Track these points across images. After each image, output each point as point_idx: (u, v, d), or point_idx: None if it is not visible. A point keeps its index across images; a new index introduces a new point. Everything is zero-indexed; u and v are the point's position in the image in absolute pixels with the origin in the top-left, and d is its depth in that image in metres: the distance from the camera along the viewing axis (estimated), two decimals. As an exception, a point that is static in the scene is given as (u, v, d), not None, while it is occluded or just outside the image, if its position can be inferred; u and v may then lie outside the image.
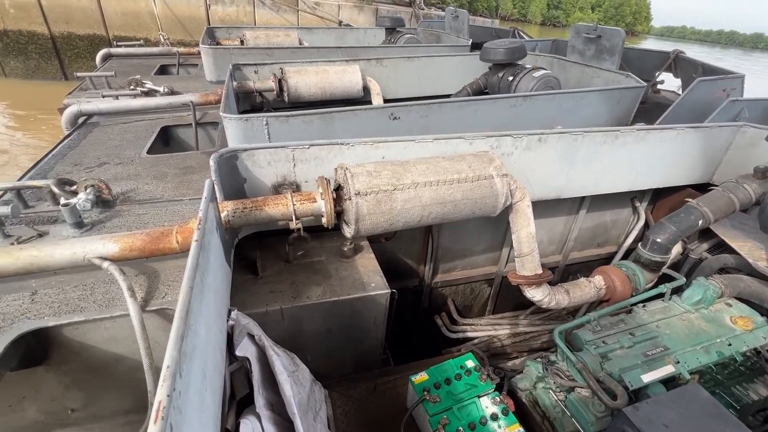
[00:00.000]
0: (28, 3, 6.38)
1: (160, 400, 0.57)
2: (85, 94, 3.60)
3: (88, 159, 2.50)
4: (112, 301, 1.28)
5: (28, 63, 6.83)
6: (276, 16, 7.75)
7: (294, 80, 3.43)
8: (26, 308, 1.23)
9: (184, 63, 5.07)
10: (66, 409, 1.46)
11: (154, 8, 6.96)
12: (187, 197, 1.98)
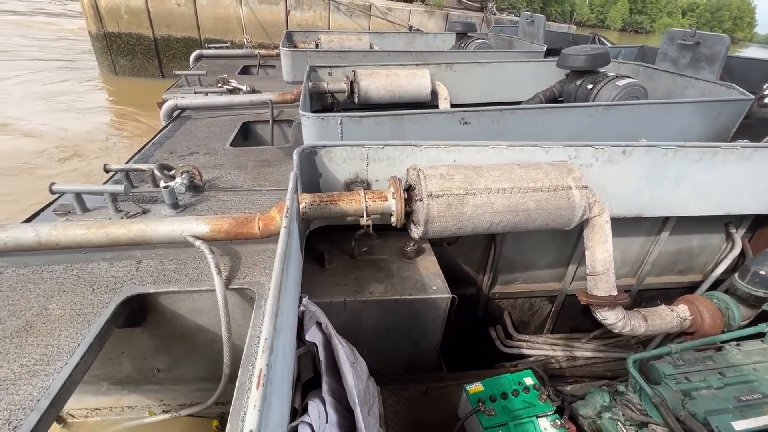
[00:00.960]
0: (139, 9, 7.26)
1: (260, 368, 0.62)
2: (180, 91, 4.01)
3: (181, 148, 2.79)
4: (200, 276, 1.41)
5: (134, 62, 7.78)
6: (349, 20, 8.04)
7: (365, 82, 3.53)
8: (132, 275, 1.40)
9: (263, 64, 5.44)
10: (153, 368, 1.63)
11: (241, 14, 7.56)
12: (264, 188, 2.13)
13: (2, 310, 1.21)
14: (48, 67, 9.09)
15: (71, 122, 6.16)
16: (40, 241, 1.41)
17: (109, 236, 1.45)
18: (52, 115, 6.33)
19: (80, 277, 1.37)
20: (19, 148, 5.27)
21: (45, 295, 1.28)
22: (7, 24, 13.34)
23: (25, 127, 5.78)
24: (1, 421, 0.91)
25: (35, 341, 1.12)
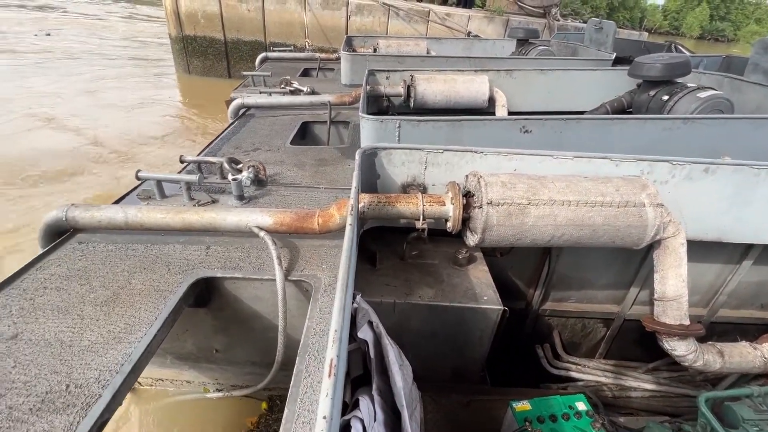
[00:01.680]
0: (214, 14, 7.84)
1: (332, 358, 0.64)
2: (246, 90, 4.27)
3: (246, 144, 2.96)
4: (262, 265, 1.49)
5: (206, 63, 8.40)
6: (407, 26, 8.11)
7: (422, 87, 3.55)
8: (202, 259, 1.50)
9: (323, 67, 5.64)
10: (212, 348, 1.75)
11: (304, 19, 7.90)
12: (322, 186, 2.20)
13: (94, 280, 1.36)
14: (131, 65, 10.08)
15: (149, 116, 6.77)
16: (127, 221, 1.56)
17: (184, 221, 1.58)
18: (134, 108, 6.99)
19: (158, 257, 1.50)
20: (105, 136, 5.87)
21: (129, 271, 1.42)
22: (82, 25, 14.92)
23: (110, 119, 6.43)
24: (92, 379, 1.02)
25: (120, 311, 1.24)
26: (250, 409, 2.01)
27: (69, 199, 4.33)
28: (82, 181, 4.72)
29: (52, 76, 8.35)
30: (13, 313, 1.20)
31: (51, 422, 0.91)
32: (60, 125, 6.07)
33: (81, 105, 6.94)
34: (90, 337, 1.14)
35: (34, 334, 1.14)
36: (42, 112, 6.40)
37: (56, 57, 9.94)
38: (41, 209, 4.14)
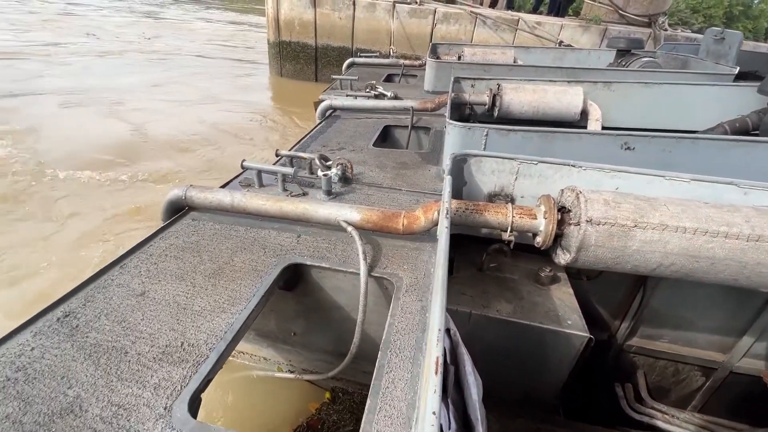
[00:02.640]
0: (309, 22, 8.42)
1: (437, 356, 0.65)
2: (334, 93, 4.51)
3: (332, 143, 3.12)
4: (347, 259, 1.56)
5: (296, 66, 9.04)
6: (493, 35, 7.94)
7: (509, 97, 3.44)
8: (293, 246, 1.61)
9: (406, 73, 5.75)
10: (291, 330, 1.86)
11: (391, 26, 8.12)
12: (403, 188, 2.24)
13: (204, 254, 1.53)
14: (231, 66, 11.22)
15: (242, 112, 7.46)
16: (233, 204, 1.73)
17: (281, 210, 1.71)
18: (231, 104, 7.76)
19: (256, 239, 1.64)
20: (207, 128, 6.58)
21: (231, 249, 1.57)
22: (173, 28, 16.80)
23: (211, 114, 7.20)
24: (201, 341, 1.14)
25: (224, 284, 1.38)
26: (314, 396, 2.10)
27: (168, 182, 4.94)
28: (181, 165, 5.34)
29: (157, 74, 9.64)
30: (142, 274, 1.39)
31: (169, 372, 1.04)
32: (168, 115, 6.94)
33: (186, 100, 7.88)
34: (200, 303, 1.28)
35: (157, 293, 1.31)
36: (150, 106, 7.37)
37: (161, 57, 11.49)
38: (155, 187, 4.77)
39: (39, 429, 0.89)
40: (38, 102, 7.01)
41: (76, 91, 7.70)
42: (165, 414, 0.94)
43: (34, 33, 12.79)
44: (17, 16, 15.34)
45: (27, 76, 8.43)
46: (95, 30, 14.48)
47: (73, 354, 1.07)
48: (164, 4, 24.61)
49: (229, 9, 26.14)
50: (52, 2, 19.94)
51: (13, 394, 0.95)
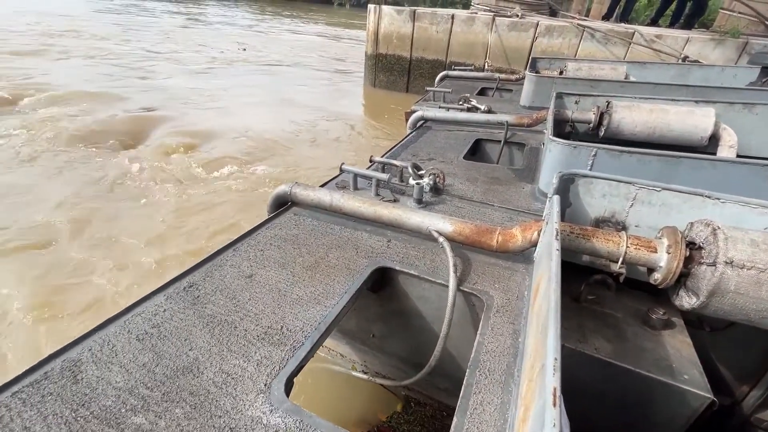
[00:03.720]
0: (406, 35, 8.69)
1: (554, 387, 0.60)
2: (426, 104, 4.56)
3: (422, 153, 3.15)
4: (435, 269, 1.54)
5: (390, 78, 9.37)
6: (602, 49, 7.34)
7: (619, 115, 3.13)
8: (383, 249, 1.65)
9: (500, 87, 5.59)
10: (371, 332, 1.90)
11: (489, 40, 7.99)
12: (494, 204, 2.16)
13: (303, 247, 1.64)
14: (330, 77, 12.05)
15: (336, 119, 7.94)
16: (332, 204, 1.84)
17: (375, 213, 1.76)
18: (326, 111, 8.32)
19: (349, 239, 1.71)
20: (307, 133, 7.13)
21: (327, 245, 1.66)
22: (287, 43, 18.33)
23: (313, 120, 7.79)
24: (298, 328, 1.22)
25: (320, 278, 1.46)
26: (383, 400, 2.11)
27: (268, 177, 5.43)
28: (278, 165, 5.84)
29: (260, 82, 10.71)
30: (250, 258, 1.54)
31: (270, 352, 1.13)
32: (272, 119, 7.67)
33: (285, 105, 8.64)
34: (298, 292, 1.37)
35: (262, 278, 1.43)
36: (257, 111, 8.20)
37: (256, 67, 12.80)
38: (267, 183, 5.29)
39: (166, 380, 1.02)
40: (173, 104, 8.28)
41: (197, 94, 8.94)
42: (265, 390, 1.02)
43: (163, 44, 15.21)
44: (150, 31, 18.48)
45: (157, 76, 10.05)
46: (205, 41, 16.79)
47: (194, 321, 1.22)
48: (264, 19, 27.55)
49: (320, 22, 28.33)
50: (176, 18, 23.61)
51: (149, 347, 1.12)
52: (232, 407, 0.97)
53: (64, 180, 4.99)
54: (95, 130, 6.37)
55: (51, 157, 5.51)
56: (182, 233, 4.18)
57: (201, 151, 6.09)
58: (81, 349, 1.09)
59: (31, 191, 4.66)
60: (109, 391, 0.99)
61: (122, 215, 4.39)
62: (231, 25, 23.65)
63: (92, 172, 5.21)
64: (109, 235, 4.01)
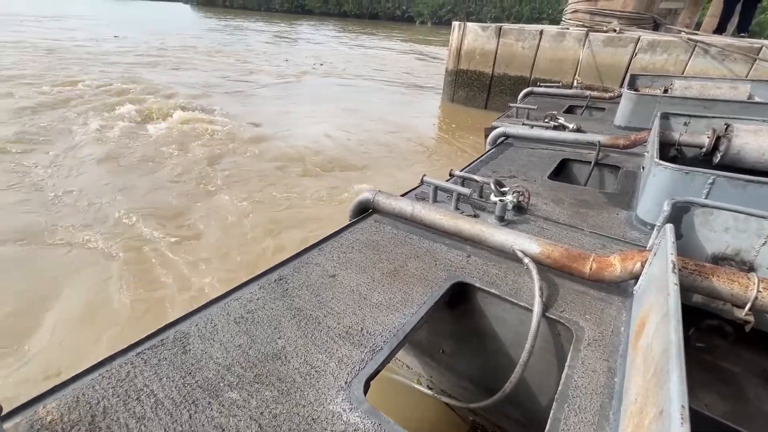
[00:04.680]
0: (490, 51, 8.58)
1: (682, 404, 0.54)
2: (508, 120, 4.43)
3: (503, 170, 3.05)
4: (517, 290, 1.47)
5: (469, 94, 9.30)
6: (717, 66, 6.52)
7: (742, 140, 2.74)
8: (463, 264, 1.62)
9: (591, 106, 5.23)
10: (440, 347, 1.86)
11: (580, 56, 7.55)
12: (585, 229, 2.00)
13: (383, 254, 1.67)
14: (407, 92, 12.32)
15: (412, 132, 8.06)
16: (412, 214, 1.86)
17: (456, 227, 1.74)
18: (402, 124, 8.49)
19: (428, 251, 1.71)
20: (384, 146, 7.35)
21: (406, 255, 1.67)
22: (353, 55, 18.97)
23: (385, 131, 8.01)
24: (377, 332, 1.24)
25: (398, 285, 1.47)
26: (445, 419, 2.04)
27: (345, 186, 5.66)
28: (355, 176, 6.06)
29: (340, 95, 11.26)
30: (334, 259, 1.61)
31: (350, 351, 1.16)
32: (352, 131, 8.02)
33: (357, 118, 8.98)
34: (378, 297, 1.40)
35: (345, 279, 1.49)
36: (338, 121, 8.62)
37: (335, 81, 13.51)
38: (340, 190, 5.56)
39: (258, 363, 1.10)
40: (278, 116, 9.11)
41: (280, 105, 9.72)
42: (345, 387, 1.05)
43: (253, 59, 16.80)
44: (243, 47, 20.56)
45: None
46: (290, 56, 18.23)
47: (283, 312, 1.31)
48: (345, 36, 29.18)
49: (398, 39, 29.08)
50: (266, 36, 25.97)
51: (244, 330, 1.22)
52: (315, 399, 1.01)
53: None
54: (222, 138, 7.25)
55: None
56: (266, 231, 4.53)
57: (285, 161, 6.57)
58: (189, 324, 1.22)
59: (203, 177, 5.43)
60: (210, 364, 1.09)
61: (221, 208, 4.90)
62: (314, 42, 25.70)
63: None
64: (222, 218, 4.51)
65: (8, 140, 6.39)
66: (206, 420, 0.94)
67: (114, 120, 7.68)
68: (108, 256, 3.87)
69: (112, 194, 5.06)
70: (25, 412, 0.92)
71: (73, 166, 5.79)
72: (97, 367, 1.05)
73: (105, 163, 5.95)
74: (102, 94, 9.45)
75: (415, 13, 74.79)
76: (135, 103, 8.66)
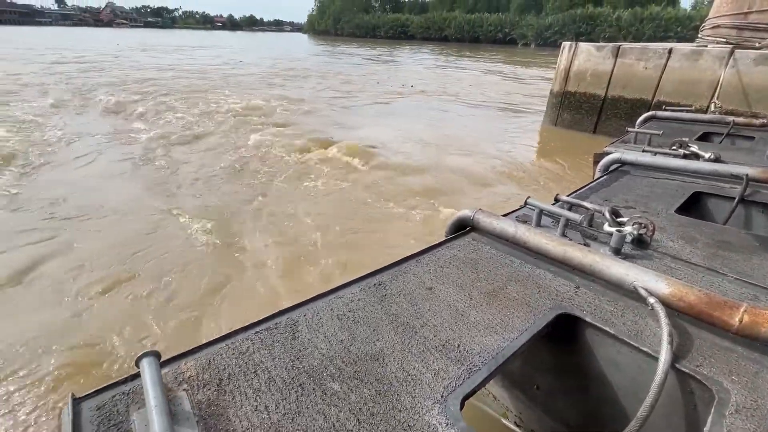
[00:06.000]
0: (604, 72, 7.92)
1: None
2: (624, 146, 4.01)
3: (617, 200, 2.75)
4: (638, 333, 1.29)
5: (575, 117, 8.67)
6: None
7: None
8: (570, 295, 1.49)
9: (734, 133, 4.46)
10: (534, 383, 1.72)
11: (721, 77, 6.54)
12: (729, 274, 1.69)
13: (481, 273, 1.62)
14: (502, 112, 11.98)
15: (513, 157, 7.77)
16: (515, 235, 1.78)
17: (564, 254, 1.62)
18: (505, 148, 8.24)
19: (530, 276, 1.61)
20: (483, 167, 7.23)
21: (506, 277, 1.60)
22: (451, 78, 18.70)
23: (488, 155, 7.86)
24: (475, 351, 1.20)
25: (497, 307, 1.41)
26: (534, 466, 1.85)
27: (427, 205, 5.66)
28: (454, 194, 6.03)
29: (435, 116, 11.32)
30: (430, 272, 1.62)
31: (447, 365, 1.14)
32: (455, 152, 8.04)
33: (452, 138, 8.92)
34: (475, 316, 1.36)
35: (441, 293, 1.48)
36: (440, 142, 8.69)
37: (431, 100, 13.56)
38: (438, 206, 5.62)
39: (358, 360, 1.15)
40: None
41: (381, 123, 10.17)
42: (441, 401, 1.03)
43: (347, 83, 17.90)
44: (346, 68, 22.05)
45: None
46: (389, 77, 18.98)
47: (381, 315, 1.35)
48: (443, 59, 29.56)
49: (498, 61, 28.33)
50: (369, 60, 27.52)
51: (346, 326, 1.29)
52: (411, 406, 1.01)
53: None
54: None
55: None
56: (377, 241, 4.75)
57: (386, 178, 6.85)
58: (298, 314, 1.34)
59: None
60: (315, 353, 1.17)
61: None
62: (410, 64, 26.72)
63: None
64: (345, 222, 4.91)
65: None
66: (311, 404, 1.00)
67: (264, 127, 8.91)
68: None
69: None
70: (171, 364, 1.09)
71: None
72: (224, 338, 1.21)
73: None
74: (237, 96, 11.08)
75: (518, 35, 73.03)
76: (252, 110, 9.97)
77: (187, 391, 1.01)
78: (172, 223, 4.98)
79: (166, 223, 4.95)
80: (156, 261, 4.14)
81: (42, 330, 3.15)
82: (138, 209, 5.27)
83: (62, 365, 2.86)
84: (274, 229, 4.90)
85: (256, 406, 0.99)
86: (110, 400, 0.97)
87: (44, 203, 5.32)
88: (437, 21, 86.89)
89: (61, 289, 3.66)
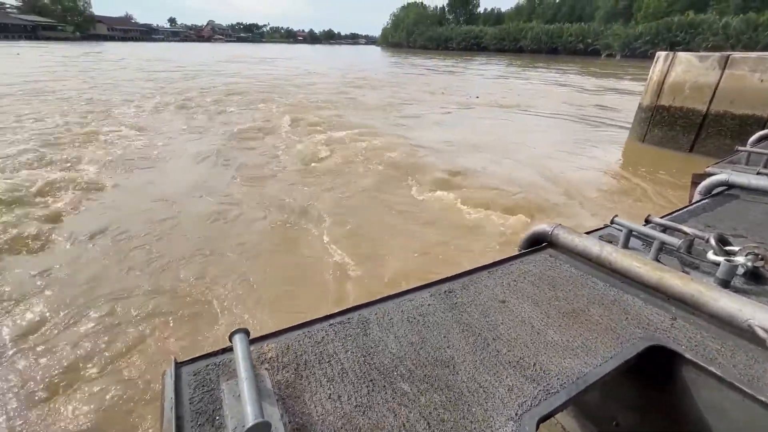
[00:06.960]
0: (706, 85, 7.06)
1: None
2: (731, 167, 3.52)
3: (722, 226, 2.42)
4: (752, 379, 1.12)
5: (668, 133, 7.82)
6: None
7: None
8: (665, 327, 1.34)
9: None
10: (614, 419, 1.57)
11: None
12: None
13: (559, 291, 1.53)
14: (578, 127, 11.20)
15: (592, 174, 7.23)
16: (599, 256, 1.65)
17: (659, 281, 1.46)
18: (585, 164, 7.71)
19: (616, 301, 1.48)
20: (558, 183, 6.85)
21: (588, 299, 1.48)
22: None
23: (559, 167, 7.42)
24: (552, 373, 1.13)
25: (578, 331, 1.31)
26: None
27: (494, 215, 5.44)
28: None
29: (513, 128, 10.86)
30: (503, 285, 1.56)
31: (521, 383, 1.09)
32: (527, 165, 7.71)
33: (526, 150, 8.50)
34: (553, 336, 1.28)
35: (515, 307, 1.42)
36: (515, 156, 8.37)
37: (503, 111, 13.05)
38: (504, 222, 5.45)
39: (428, 365, 1.14)
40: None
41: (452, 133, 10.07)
42: (515, 419, 0.98)
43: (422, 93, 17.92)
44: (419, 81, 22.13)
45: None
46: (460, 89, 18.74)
47: (452, 323, 1.33)
48: (515, 70, 28.41)
49: (575, 73, 26.50)
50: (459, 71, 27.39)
51: (416, 330, 1.29)
52: (482, 419, 0.98)
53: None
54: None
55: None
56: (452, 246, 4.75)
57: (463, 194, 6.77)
58: (369, 312, 1.37)
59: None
60: (386, 352, 1.19)
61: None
62: (480, 75, 26.26)
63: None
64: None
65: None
66: (382, 401, 1.02)
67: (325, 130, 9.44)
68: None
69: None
70: (255, 344, 1.18)
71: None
72: (302, 326, 1.28)
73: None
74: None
75: (602, 45, 68.20)
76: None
77: (269, 371, 1.09)
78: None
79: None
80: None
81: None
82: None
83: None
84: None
85: (330, 394, 1.03)
86: (204, 369, 1.08)
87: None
88: (512, 32, 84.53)
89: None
